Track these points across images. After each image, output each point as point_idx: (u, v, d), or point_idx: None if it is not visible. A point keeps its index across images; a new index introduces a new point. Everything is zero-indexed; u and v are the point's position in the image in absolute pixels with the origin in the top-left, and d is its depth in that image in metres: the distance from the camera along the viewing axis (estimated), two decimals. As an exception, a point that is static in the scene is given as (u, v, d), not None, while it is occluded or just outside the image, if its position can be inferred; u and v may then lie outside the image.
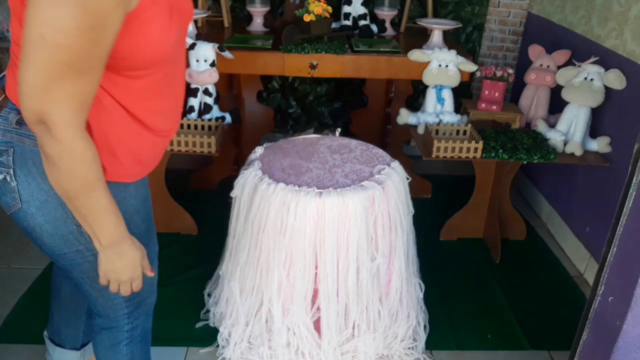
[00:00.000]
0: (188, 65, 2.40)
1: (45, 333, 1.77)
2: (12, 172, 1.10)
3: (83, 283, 1.27)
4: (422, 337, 1.99)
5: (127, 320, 1.36)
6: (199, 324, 2.07)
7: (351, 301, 1.75)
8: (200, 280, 2.25)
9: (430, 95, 2.48)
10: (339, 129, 2.15)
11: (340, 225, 1.65)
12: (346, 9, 2.82)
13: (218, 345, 1.96)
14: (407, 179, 1.85)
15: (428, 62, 2.43)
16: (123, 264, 1.12)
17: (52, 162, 0.97)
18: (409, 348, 1.96)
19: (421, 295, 2.02)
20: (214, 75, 2.37)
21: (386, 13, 2.88)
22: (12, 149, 1.09)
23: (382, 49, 2.55)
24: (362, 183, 1.71)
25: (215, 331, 2.00)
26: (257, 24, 2.84)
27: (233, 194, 1.82)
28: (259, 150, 1.92)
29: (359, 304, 1.76)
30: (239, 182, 1.77)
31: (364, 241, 1.69)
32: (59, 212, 1.13)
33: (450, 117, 2.43)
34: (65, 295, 1.64)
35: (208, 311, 2.11)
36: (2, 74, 1.17)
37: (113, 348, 1.39)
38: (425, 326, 2.03)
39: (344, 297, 1.74)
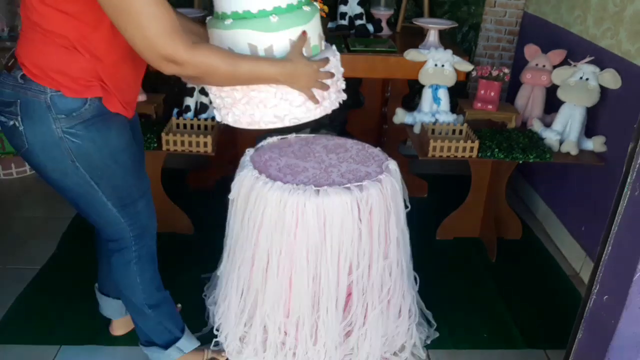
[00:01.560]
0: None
1: (95, 285, 1.96)
2: (19, 119, 1.32)
3: (90, 213, 1.51)
4: (420, 336, 2.00)
5: (134, 242, 1.60)
6: (197, 324, 2.07)
7: (350, 301, 1.75)
8: (197, 281, 2.25)
9: (427, 94, 2.48)
10: (336, 129, 2.15)
11: (336, 225, 1.65)
12: (342, 8, 2.82)
13: (216, 345, 1.96)
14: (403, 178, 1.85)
15: (424, 62, 2.43)
16: (306, 75, 1.40)
17: (210, 75, 1.27)
18: (407, 347, 1.96)
19: (417, 295, 2.02)
20: (210, 75, 2.36)
21: (382, 13, 2.88)
22: (19, 100, 1.31)
23: (378, 49, 2.55)
24: (358, 183, 1.71)
25: (213, 331, 2.00)
26: (254, 24, 2.83)
27: (231, 196, 1.81)
28: (249, 153, 1.88)
29: (357, 304, 1.76)
30: (235, 182, 1.77)
31: (360, 241, 1.69)
32: (55, 150, 1.34)
33: (446, 116, 2.43)
34: (104, 248, 1.75)
35: (206, 311, 2.11)
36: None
37: (125, 266, 1.64)
38: (422, 325, 2.03)
39: (342, 297, 1.74)
